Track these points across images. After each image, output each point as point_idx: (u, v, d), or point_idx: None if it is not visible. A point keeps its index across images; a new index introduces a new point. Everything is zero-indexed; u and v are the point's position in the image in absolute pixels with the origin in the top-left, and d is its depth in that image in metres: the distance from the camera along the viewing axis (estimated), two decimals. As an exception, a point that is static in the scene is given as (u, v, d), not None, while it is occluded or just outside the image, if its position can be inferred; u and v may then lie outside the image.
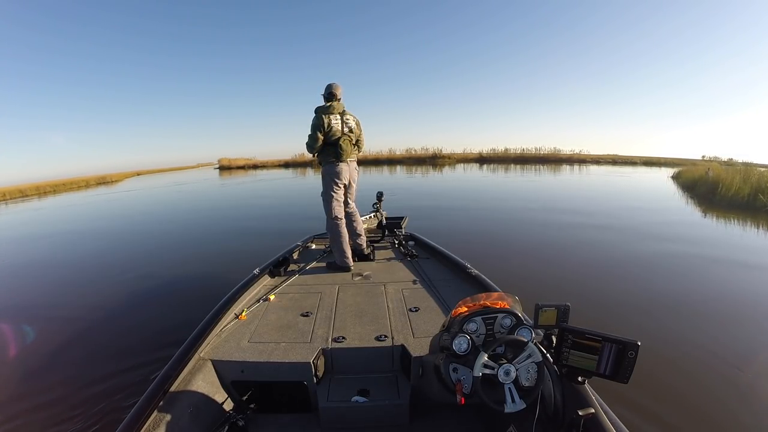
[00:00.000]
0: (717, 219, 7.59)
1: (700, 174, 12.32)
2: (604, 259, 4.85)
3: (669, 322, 3.11)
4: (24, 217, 13.48)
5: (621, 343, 1.08)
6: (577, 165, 27.56)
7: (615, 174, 19.28)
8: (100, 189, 25.27)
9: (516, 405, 1.15)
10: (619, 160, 31.66)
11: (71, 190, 26.62)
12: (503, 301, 1.38)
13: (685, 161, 29.51)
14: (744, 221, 7.30)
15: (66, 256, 6.47)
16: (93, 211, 13.32)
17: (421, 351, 1.69)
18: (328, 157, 2.76)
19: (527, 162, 30.06)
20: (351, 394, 1.64)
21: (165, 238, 7.45)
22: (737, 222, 7.26)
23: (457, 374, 1.27)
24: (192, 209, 11.58)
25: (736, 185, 9.43)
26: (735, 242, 5.82)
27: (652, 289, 3.81)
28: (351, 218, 3.01)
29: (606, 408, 1.15)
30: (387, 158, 34.99)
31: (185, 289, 4.22)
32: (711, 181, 10.59)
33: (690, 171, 14.86)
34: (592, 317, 3.09)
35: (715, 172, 11.36)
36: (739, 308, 3.38)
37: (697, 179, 11.96)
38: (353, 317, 2.08)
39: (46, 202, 18.23)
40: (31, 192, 25.52)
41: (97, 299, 4.12)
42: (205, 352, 1.77)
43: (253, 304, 2.28)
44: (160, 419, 1.36)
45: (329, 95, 2.76)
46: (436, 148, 35.29)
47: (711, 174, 11.33)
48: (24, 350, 3.12)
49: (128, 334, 3.25)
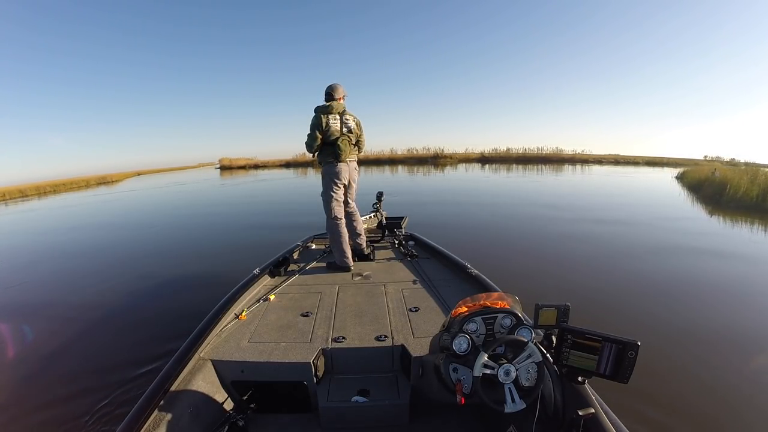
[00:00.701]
0: (725, 220, 7.54)
1: (706, 175, 12.22)
2: (604, 259, 4.85)
3: (669, 322, 3.10)
4: (18, 218, 13.47)
5: (621, 343, 1.08)
6: (579, 165, 27.54)
7: (618, 174, 19.23)
8: (101, 189, 25.24)
9: (516, 405, 1.15)
10: (622, 160, 31.70)
11: (71, 190, 26.55)
12: (503, 301, 1.38)
13: (687, 161, 29.56)
14: (753, 222, 7.24)
15: (65, 256, 6.46)
16: (91, 212, 13.29)
17: (421, 351, 1.69)
18: (327, 157, 2.76)
19: (529, 162, 30.05)
20: (351, 394, 1.64)
21: (165, 238, 7.46)
22: (746, 223, 7.20)
23: (457, 374, 1.27)
24: (191, 209, 11.58)
25: (744, 186, 9.35)
26: (743, 242, 5.79)
27: (653, 289, 3.81)
28: (351, 218, 3.01)
29: (606, 408, 1.15)
30: (388, 158, 34.99)
31: (185, 289, 4.22)
32: (718, 182, 10.50)
33: (695, 171, 14.74)
34: (592, 317, 3.09)
35: (721, 173, 11.27)
36: (740, 308, 3.38)
37: (703, 180, 11.85)
38: (353, 317, 2.08)
39: (45, 202, 18.19)
40: (31, 192, 25.48)
41: (96, 299, 4.13)
42: (205, 352, 1.77)
43: (253, 304, 2.28)
44: (160, 419, 1.36)
45: (328, 95, 2.77)
46: (438, 148, 35.39)
47: (717, 175, 11.25)
48: (24, 350, 3.13)
49: (128, 334, 3.25)
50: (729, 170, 11.95)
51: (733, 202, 9.10)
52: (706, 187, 10.95)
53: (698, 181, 12.12)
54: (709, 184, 11.02)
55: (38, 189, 26.35)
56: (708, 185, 10.96)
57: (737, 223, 7.28)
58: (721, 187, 10.02)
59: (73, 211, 13.95)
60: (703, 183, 11.51)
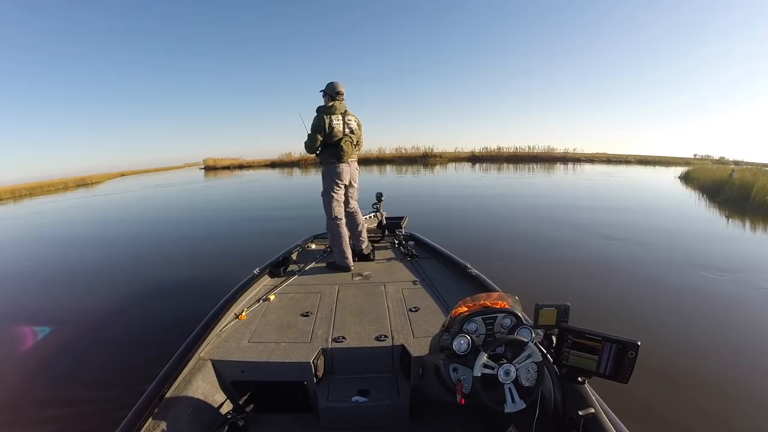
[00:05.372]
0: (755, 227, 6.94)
1: (722, 177, 11.61)
2: (604, 260, 4.85)
3: (670, 322, 3.11)
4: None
5: (621, 343, 1.08)
6: (571, 164, 27.16)
7: (615, 174, 18.71)
8: (79, 191, 23.50)
9: (516, 405, 1.15)
10: (613, 158, 31.43)
11: (48, 193, 24.52)
12: (503, 301, 1.38)
13: (678, 159, 29.51)
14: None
15: (64, 257, 6.47)
16: (71, 216, 12.15)
17: (421, 351, 1.69)
18: (328, 157, 2.75)
19: (520, 161, 29.61)
20: (351, 394, 1.64)
21: (164, 238, 7.46)
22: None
23: (457, 374, 1.27)
24: (191, 209, 11.56)
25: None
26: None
27: (653, 289, 3.81)
28: (352, 218, 3.01)
29: (606, 408, 1.15)
30: (376, 157, 34.18)
31: (185, 289, 4.21)
32: (738, 185, 10.01)
33: (705, 172, 14.14)
34: (592, 317, 3.09)
35: (738, 175, 10.83)
36: (741, 307, 3.38)
37: (719, 182, 11.20)
38: (353, 317, 2.08)
39: (21, 207, 16.80)
40: (6, 195, 23.18)
41: (95, 300, 4.12)
42: (205, 352, 1.76)
43: (253, 304, 2.28)
44: (160, 419, 1.36)
45: (329, 95, 2.73)
46: (427, 147, 34.60)
47: (735, 176, 10.77)
48: (23, 351, 3.12)
49: (127, 334, 3.25)
50: (749, 172, 11.23)
51: (762, 207, 8.53)
52: (726, 191, 10.34)
53: (714, 184, 11.46)
54: (729, 187, 10.46)
55: (13, 193, 24.08)
56: (729, 188, 10.38)
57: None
58: (744, 191, 9.46)
59: (60, 211, 13.91)
60: (722, 186, 10.83)
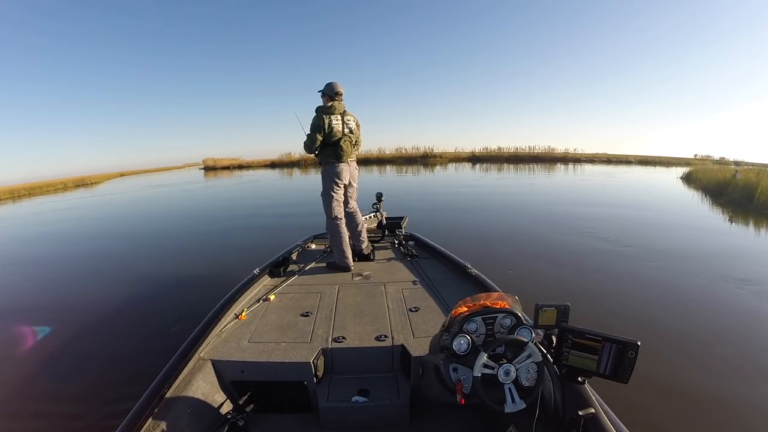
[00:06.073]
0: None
1: (725, 177, 11.56)
2: (604, 259, 4.85)
3: (670, 323, 3.10)
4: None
5: (621, 343, 1.08)
6: (571, 164, 27.01)
7: (616, 175, 18.63)
8: (79, 192, 23.36)
9: (516, 405, 1.15)
10: (614, 159, 31.32)
11: (47, 193, 24.42)
12: (503, 301, 1.38)
13: (679, 160, 29.42)
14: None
15: (63, 257, 6.47)
16: (71, 216, 11.92)
17: (421, 351, 1.69)
18: (328, 157, 2.76)
19: (521, 161, 29.46)
20: (351, 394, 1.64)
21: (164, 238, 7.45)
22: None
23: (457, 374, 1.27)
24: (191, 209, 11.56)
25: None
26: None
27: (654, 290, 3.80)
28: (352, 218, 3.01)
29: (606, 408, 1.15)
30: (377, 158, 34.02)
31: (185, 289, 4.21)
32: (742, 186, 9.98)
33: (707, 173, 14.05)
34: (592, 317, 3.09)
35: (742, 175, 10.79)
36: (742, 307, 3.38)
37: (722, 183, 11.15)
38: (353, 317, 2.08)
39: (20, 207, 16.62)
40: (5, 196, 23.12)
41: (95, 300, 4.12)
42: (205, 352, 1.77)
43: (253, 304, 2.28)
44: (160, 419, 1.36)
45: (328, 96, 2.73)
46: (428, 147, 34.39)
47: (739, 177, 10.74)
48: (23, 351, 3.12)
49: (128, 334, 3.25)
50: (750, 172, 11.22)
51: (766, 208, 8.50)
52: (730, 192, 10.30)
53: (717, 184, 11.44)
54: (733, 187, 10.42)
55: (12, 193, 24.00)
56: (732, 189, 10.34)
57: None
58: (747, 192, 9.45)
59: (56, 212, 13.91)
60: (726, 187, 10.77)
